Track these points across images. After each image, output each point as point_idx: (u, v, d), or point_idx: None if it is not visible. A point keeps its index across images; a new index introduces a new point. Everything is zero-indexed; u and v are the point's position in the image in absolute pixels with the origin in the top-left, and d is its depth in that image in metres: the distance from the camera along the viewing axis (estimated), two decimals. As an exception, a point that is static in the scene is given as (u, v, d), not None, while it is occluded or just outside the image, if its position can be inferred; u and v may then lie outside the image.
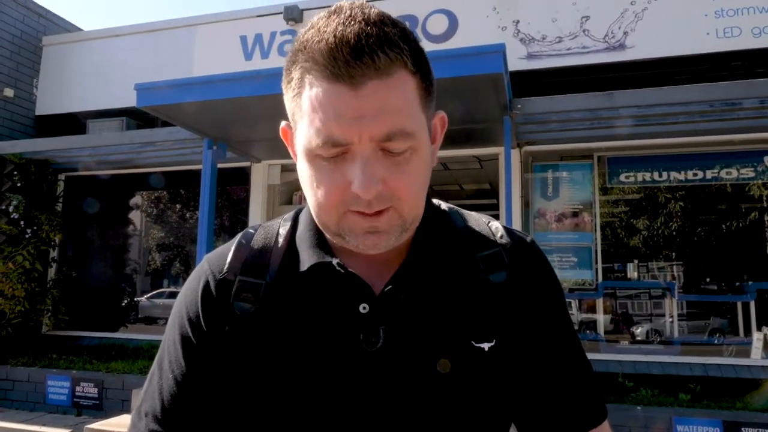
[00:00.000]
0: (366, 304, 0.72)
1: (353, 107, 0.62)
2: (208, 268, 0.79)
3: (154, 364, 0.79)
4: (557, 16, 5.68)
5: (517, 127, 5.18)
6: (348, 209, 0.66)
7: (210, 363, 0.74)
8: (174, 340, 0.77)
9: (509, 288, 0.77)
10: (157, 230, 7.50)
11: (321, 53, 0.62)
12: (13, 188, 6.87)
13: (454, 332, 0.73)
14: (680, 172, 5.52)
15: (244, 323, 0.73)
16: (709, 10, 5.28)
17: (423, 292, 0.74)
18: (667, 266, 5.61)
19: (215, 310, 0.75)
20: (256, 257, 0.77)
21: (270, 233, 0.80)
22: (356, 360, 0.71)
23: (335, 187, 0.65)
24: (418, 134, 0.66)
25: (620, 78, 5.55)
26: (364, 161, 0.63)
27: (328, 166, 0.66)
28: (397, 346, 0.71)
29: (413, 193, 0.68)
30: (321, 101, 0.63)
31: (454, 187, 8.82)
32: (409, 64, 0.65)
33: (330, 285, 0.73)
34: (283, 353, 0.72)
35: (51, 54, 7.63)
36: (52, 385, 5.95)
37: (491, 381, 0.73)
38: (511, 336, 0.75)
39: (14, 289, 6.53)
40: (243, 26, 6.66)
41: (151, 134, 6.30)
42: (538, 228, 5.74)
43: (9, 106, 7.21)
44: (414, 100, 0.66)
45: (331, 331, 0.72)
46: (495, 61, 4.08)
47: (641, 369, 5.11)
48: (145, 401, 0.78)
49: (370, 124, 0.62)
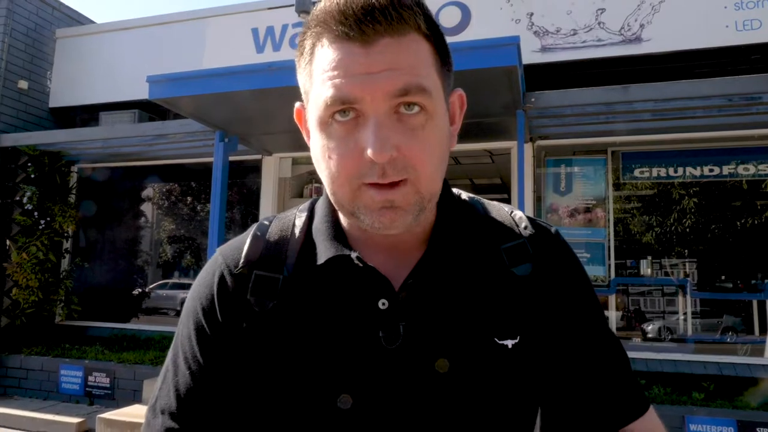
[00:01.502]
0: (385, 299, 0.69)
1: (364, 64, 0.60)
2: (222, 261, 0.76)
3: (168, 360, 0.77)
4: (572, 8, 5.60)
5: (531, 121, 5.12)
6: (362, 182, 0.63)
7: (226, 358, 0.72)
8: (189, 336, 0.75)
9: (534, 281, 0.73)
10: (168, 222, 7.54)
11: (331, 15, 0.61)
12: (27, 179, 6.92)
13: (475, 329, 0.70)
14: (696, 168, 5.44)
15: (261, 319, 0.71)
16: (728, 3, 5.18)
17: (444, 287, 0.71)
18: (680, 263, 5.54)
19: (231, 305, 0.73)
20: (272, 250, 0.74)
21: (286, 225, 0.78)
22: (375, 357, 0.68)
23: (349, 155, 0.63)
24: (435, 96, 0.64)
25: (636, 71, 5.47)
26: (377, 123, 0.61)
27: (340, 133, 0.63)
28: (416, 344, 0.68)
29: (430, 164, 0.64)
30: (331, 62, 0.62)
31: (465, 181, 8.78)
32: (422, 26, 0.63)
33: (348, 279, 0.71)
34: (301, 349, 0.69)
35: (64, 46, 7.66)
36: (65, 374, 6.01)
37: (514, 379, 0.70)
38: (536, 332, 0.72)
39: (28, 280, 6.60)
40: (254, 18, 6.65)
41: (163, 127, 6.32)
42: (551, 223, 5.68)
43: (23, 98, 7.26)
44: (429, 63, 0.64)
45: (350, 327, 0.69)
46: (509, 53, 4.04)
47: (653, 367, 5.05)
48: (160, 398, 0.75)
49: (382, 80, 0.60)
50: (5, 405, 5.75)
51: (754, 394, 4.55)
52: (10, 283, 6.77)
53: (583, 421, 0.74)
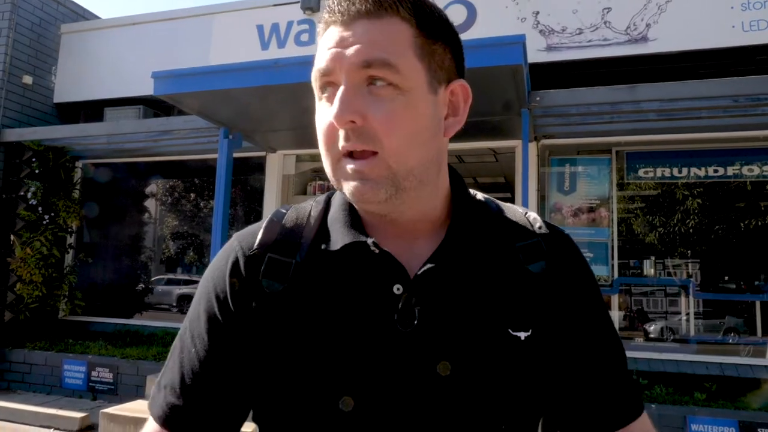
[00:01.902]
0: (400, 284, 0.71)
1: (339, 40, 0.67)
2: (237, 244, 0.78)
3: (177, 338, 0.79)
4: (578, 7, 5.59)
5: (535, 120, 5.12)
6: (340, 152, 0.68)
7: (235, 340, 0.73)
8: (198, 316, 0.76)
9: (547, 278, 0.76)
10: (171, 219, 7.55)
11: (328, 6, 0.70)
12: (31, 175, 6.94)
13: (489, 319, 0.71)
14: (700, 168, 5.43)
15: (272, 301, 0.72)
16: (735, 3, 5.17)
17: (460, 275, 0.73)
18: (683, 264, 5.53)
19: (243, 287, 0.74)
20: (287, 235, 0.76)
21: (302, 213, 0.80)
22: (390, 340, 0.69)
23: (324, 125, 0.69)
24: (406, 74, 0.67)
25: (642, 71, 5.46)
26: (343, 90, 0.66)
27: (324, 106, 0.70)
28: (431, 328, 0.70)
29: (396, 137, 0.67)
30: (320, 43, 0.70)
31: (469, 180, 8.77)
32: (402, 10, 0.68)
33: (362, 265, 0.72)
34: (314, 332, 0.70)
35: (69, 42, 7.67)
36: (69, 369, 6.03)
37: (525, 371, 0.71)
38: (547, 327, 0.74)
39: (32, 275, 6.62)
40: (260, 15, 6.65)
41: (167, 123, 6.32)
42: (554, 222, 5.59)
43: (28, 93, 7.27)
44: (405, 44, 0.68)
45: (364, 310, 0.71)
46: (515, 52, 4.03)
47: (656, 367, 5.06)
48: (165, 374, 0.77)
49: (349, 53, 0.66)
50: (9, 399, 5.78)
51: (756, 395, 4.55)
52: (14, 278, 6.78)
53: (581, 421, 0.76)
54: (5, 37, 7.00)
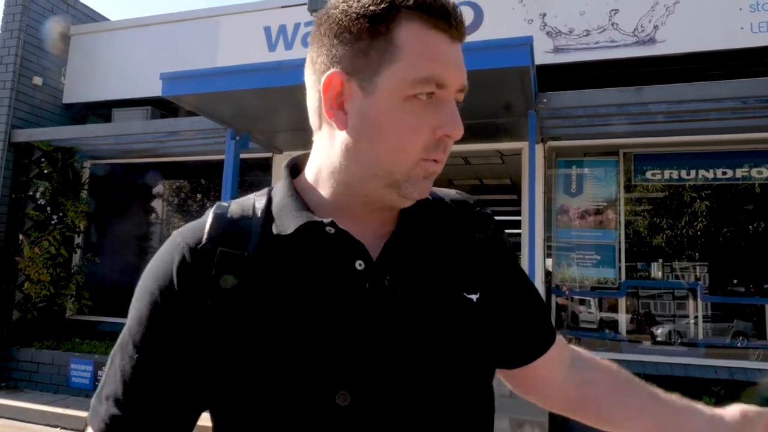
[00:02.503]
0: (361, 260, 0.72)
1: (455, 57, 0.72)
2: (181, 240, 0.75)
3: (116, 346, 0.74)
4: (585, 9, 5.58)
5: (542, 122, 5.11)
6: (422, 157, 0.72)
7: (185, 342, 0.70)
8: (140, 318, 0.72)
9: (487, 244, 0.85)
10: (178, 219, 7.58)
11: (434, 5, 0.70)
12: (40, 175, 6.99)
13: (446, 284, 0.78)
14: (708, 171, 5.40)
15: (229, 296, 0.70)
16: (743, 4, 5.14)
17: (417, 248, 0.78)
18: (691, 266, 5.50)
19: (194, 283, 0.71)
20: (235, 227, 0.74)
21: (246, 206, 0.78)
22: (362, 311, 0.71)
23: (421, 132, 0.71)
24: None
25: (649, 73, 5.44)
26: (454, 106, 0.72)
27: (419, 109, 0.70)
28: (400, 296, 0.73)
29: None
30: (429, 46, 0.70)
31: (475, 181, 8.75)
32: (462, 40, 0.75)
33: (318, 247, 0.73)
34: (284, 321, 0.69)
35: (79, 43, 7.73)
36: (75, 368, 6.07)
37: (481, 327, 0.79)
38: (490, 288, 0.82)
39: (40, 274, 6.67)
40: (267, 17, 6.67)
41: (175, 124, 6.36)
42: (561, 225, 5.67)
43: (38, 94, 7.33)
44: None
45: (330, 289, 0.71)
46: (522, 54, 4.02)
47: (663, 370, 5.02)
48: (106, 384, 0.73)
49: (462, 74, 0.73)
50: (16, 398, 5.81)
51: (766, 400, 4.51)
52: (22, 277, 6.83)
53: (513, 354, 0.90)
54: (16, 38, 7.06)
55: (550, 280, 5.61)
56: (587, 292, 5.66)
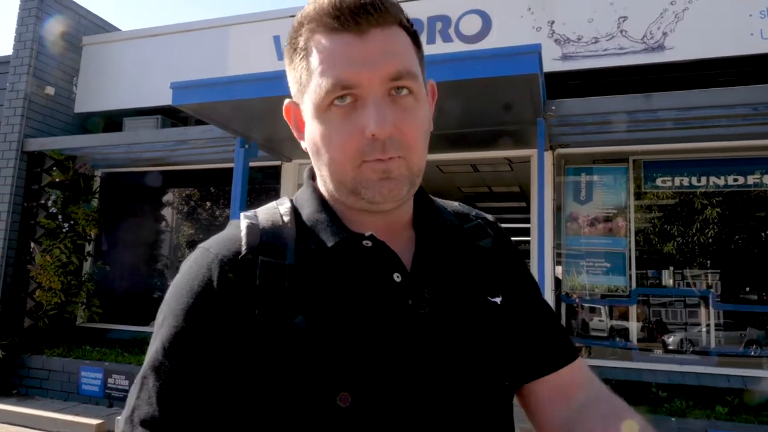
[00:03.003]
0: (398, 273, 0.74)
1: (361, 51, 0.67)
2: (217, 252, 0.72)
3: (145, 369, 0.71)
4: (594, 16, 5.57)
5: (551, 129, 5.10)
6: (363, 160, 0.69)
7: (231, 355, 0.67)
8: (179, 337, 0.69)
9: (494, 253, 0.86)
10: (187, 227, 7.62)
11: (325, 11, 0.67)
12: (51, 183, 7.06)
13: (474, 291, 0.79)
14: (719, 177, 5.35)
15: (274, 305, 0.68)
16: (753, 11, 5.11)
17: (442, 259, 0.79)
18: (703, 274, 5.44)
19: (239, 295, 0.68)
20: (271, 237, 0.73)
21: (274, 216, 0.76)
22: (407, 324, 0.72)
23: (349, 136, 0.68)
24: (420, 81, 0.72)
25: (659, 80, 5.42)
26: (376, 103, 0.67)
27: (339, 117, 0.68)
28: (440, 307, 0.75)
29: (420, 141, 0.72)
30: (330, 51, 0.68)
31: (484, 189, 8.73)
32: (403, 21, 0.71)
33: (356, 260, 0.73)
34: (329, 330, 0.68)
35: (90, 53, 7.82)
36: (86, 375, 6.09)
37: (507, 331, 0.80)
38: (509, 292, 0.83)
39: (51, 282, 6.71)
40: (276, 26, 6.72)
41: (185, 132, 6.41)
42: (570, 232, 5.64)
43: (50, 104, 7.41)
44: (412, 51, 0.72)
45: (372, 301, 0.71)
46: (530, 61, 4.02)
47: (675, 379, 4.97)
48: (138, 407, 0.68)
49: (379, 66, 0.67)
50: (27, 405, 5.85)
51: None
52: (34, 284, 6.89)
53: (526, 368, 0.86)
54: (29, 49, 7.16)
55: (559, 287, 5.58)
56: (597, 300, 5.63)
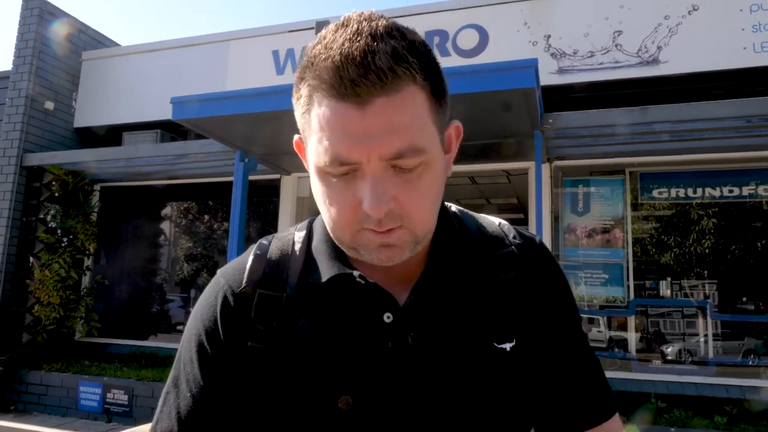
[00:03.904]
0: (390, 313, 0.72)
1: (361, 126, 0.61)
2: (225, 283, 0.77)
3: (169, 384, 0.78)
4: (589, 30, 5.66)
5: (548, 142, 5.15)
6: (362, 227, 0.66)
7: (230, 378, 0.73)
8: (191, 358, 0.75)
9: (523, 285, 0.78)
10: (186, 240, 7.63)
11: (327, 71, 0.61)
12: (51, 198, 7.07)
13: (476, 336, 0.74)
14: (715, 189, 5.41)
15: (266, 337, 0.72)
16: (746, 25, 5.20)
17: (444, 298, 0.74)
18: (700, 284, 5.48)
19: (235, 325, 0.74)
20: (274, 269, 0.76)
21: (285, 244, 0.79)
22: (385, 369, 0.71)
23: (347, 206, 0.65)
24: (430, 148, 0.65)
25: (654, 93, 5.49)
26: (374, 180, 0.62)
27: (338, 184, 0.65)
28: (424, 353, 0.72)
29: (424, 210, 0.67)
30: (329, 120, 0.62)
31: (481, 201, 8.79)
32: (418, 77, 0.63)
33: (351, 296, 0.73)
34: (309, 364, 0.71)
35: (90, 68, 7.87)
36: (84, 391, 6.06)
37: (515, 380, 0.74)
38: (530, 334, 0.76)
39: (50, 296, 6.70)
40: (275, 41, 6.79)
41: (184, 146, 6.45)
42: (568, 243, 5.68)
43: (49, 119, 7.45)
44: (424, 114, 0.64)
45: (357, 340, 0.72)
46: (527, 76, 4.08)
47: (674, 389, 4.98)
48: (161, 420, 0.76)
49: (378, 144, 0.61)
50: (25, 421, 5.81)
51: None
52: (32, 299, 6.87)
53: (557, 423, 0.79)
54: (29, 65, 7.20)
55: (558, 299, 5.59)
56: (596, 311, 5.65)
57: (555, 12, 5.81)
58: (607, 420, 0.80)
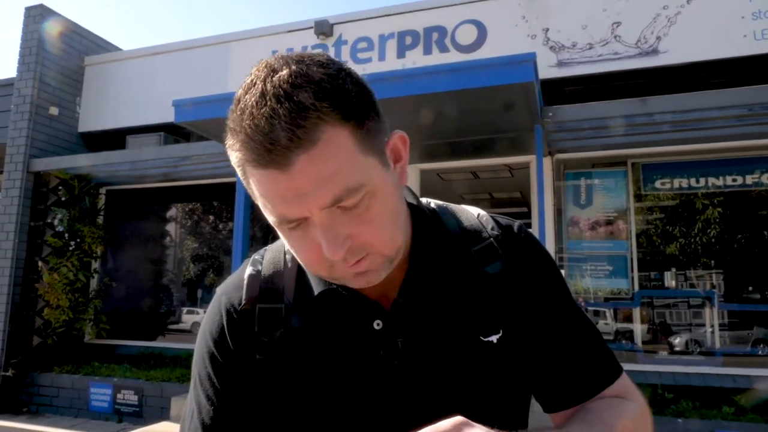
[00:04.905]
0: (379, 320, 0.76)
1: (291, 187, 0.61)
2: (227, 301, 0.81)
3: (191, 402, 0.82)
4: (588, 22, 5.64)
5: (549, 135, 5.15)
6: (332, 264, 0.67)
7: (244, 387, 0.78)
8: (208, 374, 0.80)
9: (507, 277, 0.79)
10: (191, 241, 7.68)
11: (245, 144, 0.62)
12: (57, 202, 7.14)
13: (462, 332, 0.76)
14: (718, 178, 5.39)
15: (271, 348, 0.77)
16: (746, 13, 5.17)
17: (429, 299, 0.77)
18: (706, 274, 5.46)
19: (242, 339, 0.78)
20: (269, 284, 0.80)
21: (277, 258, 0.83)
22: (380, 374, 0.75)
23: (310, 251, 0.67)
24: (368, 179, 0.64)
25: (654, 84, 5.47)
26: (323, 228, 0.64)
27: (296, 233, 0.67)
28: (415, 356, 0.75)
29: (384, 234, 0.67)
30: (262, 188, 0.64)
31: (485, 195, 8.79)
32: (331, 120, 0.61)
33: (342, 306, 0.77)
34: (311, 374, 0.76)
35: (92, 73, 7.93)
36: (95, 392, 6.14)
37: (504, 369, 0.77)
38: (516, 323, 0.78)
39: (59, 299, 6.78)
40: (275, 42, 6.81)
41: (187, 148, 6.49)
42: (572, 236, 5.68)
43: (54, 124, 7.51)
44: (351, 151, 0.63)
45: (352, 349, 0.76)
46: (526, 70, 4.09)
47: (681, 380, 4.98)
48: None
49: (313, 198, 0.62)
50: (37, 423, 5.89)
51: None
52: (42, 303, 6.95)
53: (561, 395, 0.80)
54: (32, 71, 7.26)
55: (563, 292, 5.59)
56: (601, 303, 5.65)
57: (553, 5, 5.79)
58: (611, 384, 0.80)
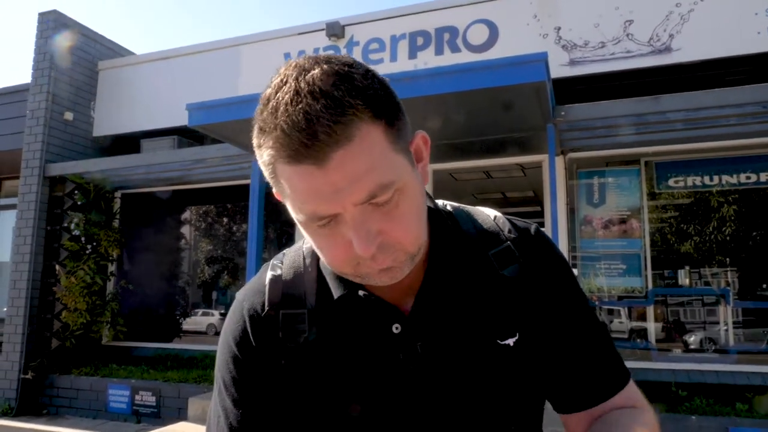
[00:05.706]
0: (398, 324, 0.77)
1: (327, 183, 0.62)
2: (249, 306, 0.82)
3: (216, 407, 0.82)
4: (600, 21, 5.63)
5: (561, 134, 5.15)
6: (358, 262, 0.68)
7: (269, 392, 0.79)
8: (232, 379, 0.80)
9: (523, 280, 0.80)
10: (206, 243, 7.75)
11: (279, 141, 0.62)
12: (74, 206, 7.24)
13: (480, 335, 0.77)
14: (732, 176, 5.37)
15: (296, 352, 0.78)
16: (759, 9, 5.14)
17: (446, 302, 0.78)
18: (721, 272, 5.44)
19: (267, 345, 0.79)
20: (291, 289, 0.81)
21: (297, 262, 0.83)
22: (399, 378, 0.76)
23: (338, 248, 0.67)
24: (399, 177, 0.66)
25: (667, 81, 5.45)
26: (356, 224, 0.64)
27: (324, 231, 0.67)
28: (433, 360, 0.76)
29: (412, 231, 0.69)
30: (295, 184, 0.64)
31: (498, 195, 8.79)
32: (366, 117, 0.62)
33: (361, 310, 0.78)
34: (331, 378, 0.77)
35: (106, 78, 8.02)
36: (113, 393, 6.22)
37: (520, 372, 0.78)
38: (532, 326, 0.79)
39: (77, 303, 6.87)
40: (287, 44, 6.85)
41: (201, 152, 6.55)
42: (585, 235, 5.68)
43: (69, 129, 7.60)
44: (384, 148, 0.64)
45: (371, 353, 0.77)
46: (537, 69, 4.10)
47: (695, 378, 4.97)
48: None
49: (348, 194, 0.62)
50: (57, 424, 5.98)
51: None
52: (60, 306, 7.05)
53: (573, 400, 0.82)
54: (47, 77, 7.36)
55: (576, 290, 5.59)
56: (615, 301, 5.65)
57: (565, 4, 5.79)
58: (619, 391, 0.82)
